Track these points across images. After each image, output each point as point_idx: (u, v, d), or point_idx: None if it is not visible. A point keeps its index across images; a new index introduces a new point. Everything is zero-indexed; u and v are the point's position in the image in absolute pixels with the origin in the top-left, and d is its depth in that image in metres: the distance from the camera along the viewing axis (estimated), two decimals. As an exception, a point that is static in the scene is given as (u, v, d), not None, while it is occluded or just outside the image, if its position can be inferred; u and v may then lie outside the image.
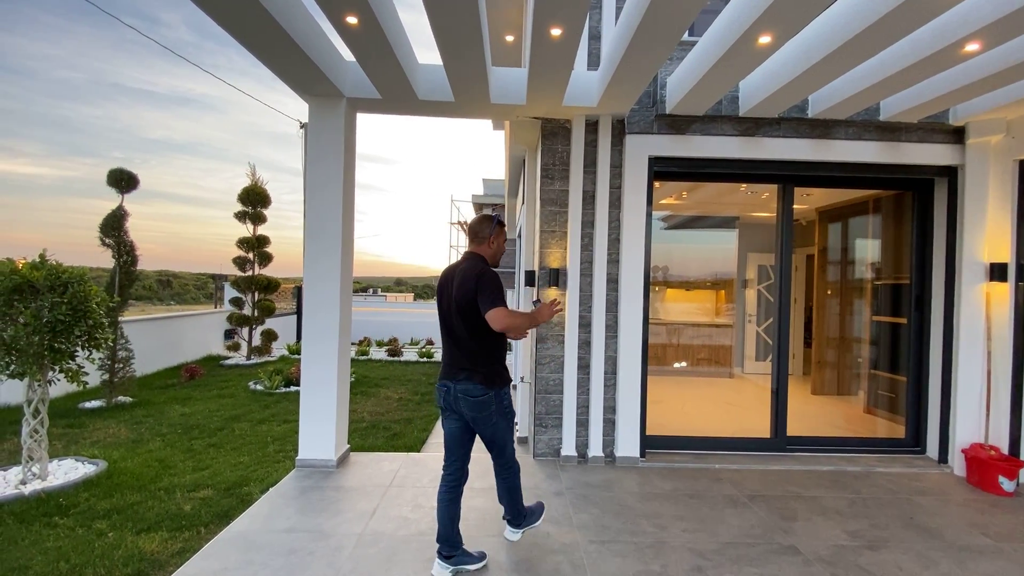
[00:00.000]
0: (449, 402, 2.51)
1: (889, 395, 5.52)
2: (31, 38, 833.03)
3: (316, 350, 3.75)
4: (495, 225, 2.61)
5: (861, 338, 6.43)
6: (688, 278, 8.22)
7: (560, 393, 4.03)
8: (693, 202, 6.99)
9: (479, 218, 2.65)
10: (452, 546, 2.50)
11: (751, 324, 8.50)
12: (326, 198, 3.74)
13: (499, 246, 2.65)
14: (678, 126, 3.95)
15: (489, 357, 2.50)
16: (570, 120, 4.00)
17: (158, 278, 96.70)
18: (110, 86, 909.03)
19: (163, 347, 9.20)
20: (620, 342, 3.96)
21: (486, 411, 2.47)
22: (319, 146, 3.74)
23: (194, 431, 5.23)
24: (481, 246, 2.60)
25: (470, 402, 2.44)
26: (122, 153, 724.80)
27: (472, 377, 2.44)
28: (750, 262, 8.45)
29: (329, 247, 3.73)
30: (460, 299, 2.43)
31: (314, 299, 3.74)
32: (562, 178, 4.03)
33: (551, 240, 4.03)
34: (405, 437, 5.04)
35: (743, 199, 6.99)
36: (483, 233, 2.59)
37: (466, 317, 2.42)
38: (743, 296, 8.46)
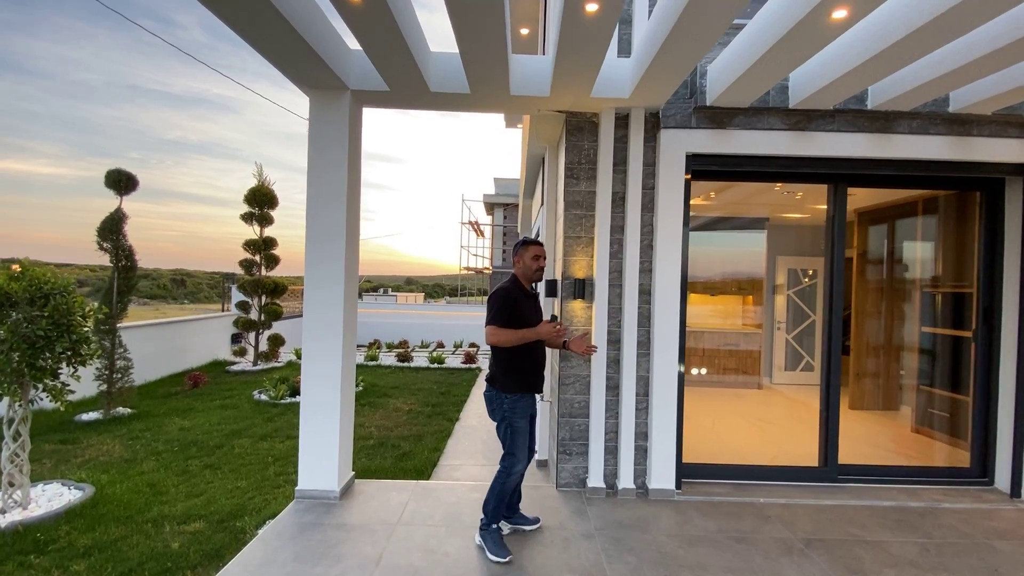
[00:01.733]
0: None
1: (942, 414, 5.05)
2: (51, 41, 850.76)
3: (317, 370, 3.40)
4: (518, 246, 2.97)
5: (907, 350, 5.95)
6: (713, 282, 7.78)
7: (586, 417, 3.64)
8: (721, 203, 6.54)
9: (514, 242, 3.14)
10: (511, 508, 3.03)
11: (780, 331, 8.05)
12: (329, 200, 3.38)
13: (526, 263, 2.91)
14: (719, 120, 3.53)
15: (501, 362, 2.84)
16: (597, 114, 3.60)
17: (173, 277, 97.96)
18: (127, 87, 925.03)
19: (168, 353, 8.96)
20: (653, 360, 3.56)
21: (489, 405, 2.91)
22: (321, 143, 3.38)
23: (192, 448, 4.92)
24: (515, 266, 2.97)
25: (485, 395, 2.94)
26: (139, 153, 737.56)
27: (490, 374, 2.91)
28: (779, 266, 7.98)
29: (331, 255, 3.38)
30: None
31: (315, 314, 3.39)
32: (588, 178, 3.63)
33: (576, 247, 3.64)
34: (415, 457, 4.68)
35: (775, 199, 6.54)
36: (513, 257, 3.01)
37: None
38: (772, 302, 8.01)
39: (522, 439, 2.84)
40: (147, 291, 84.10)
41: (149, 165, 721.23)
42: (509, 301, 2.78)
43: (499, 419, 2.85)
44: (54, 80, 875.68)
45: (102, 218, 6.00)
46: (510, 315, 2.76)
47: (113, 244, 5.98)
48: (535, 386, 2.90)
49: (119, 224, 6.03)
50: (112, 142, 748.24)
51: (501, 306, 2.76)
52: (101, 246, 5.94)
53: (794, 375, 7.87)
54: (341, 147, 3.38)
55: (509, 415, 2.81)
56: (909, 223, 5.63)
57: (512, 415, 2.81)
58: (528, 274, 2.90)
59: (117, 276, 6.00)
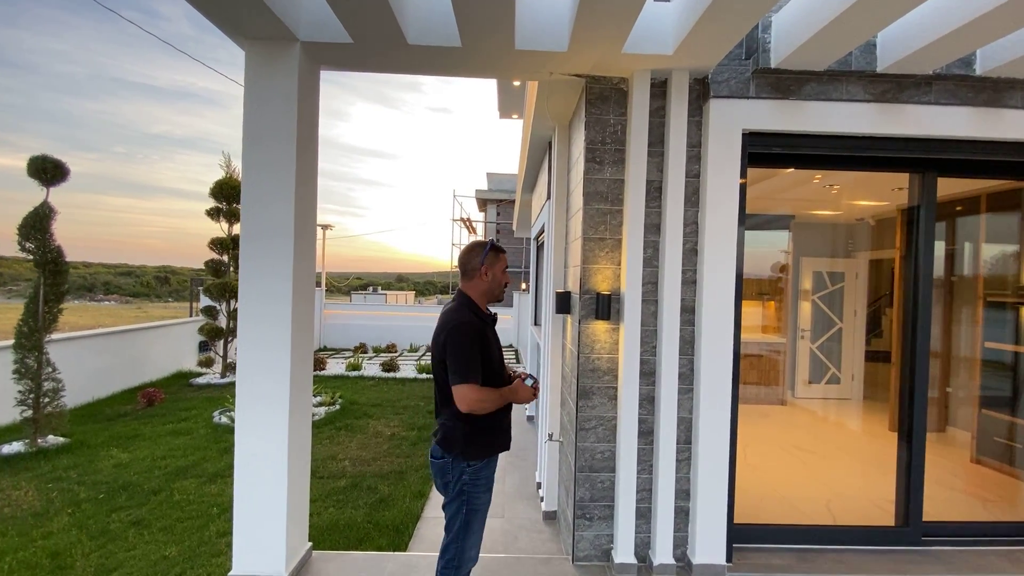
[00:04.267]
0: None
1: (1011, 444, 4.33)
2: (32, 32, 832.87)
3: (254, 416, 2.55)
4: (487, 253, 2.18)
5: (965, 366, 5.22)
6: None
7: (612, 471, 2.83)
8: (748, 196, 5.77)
9: (468, 247, 2.25)
10: None
11: (804, 340, 7.32)
12: (272, 189, 2.53)
13: (495, 277, 2.21)
14: (785, 87, 2.73)
15: (455, 418, 2.08)
16: (626, 79, 2.78)
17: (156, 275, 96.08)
18: (111, 80, 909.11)
19: (123, 365, 8.01)
20: (699, 398, 2.75)
21: (440, 478, 2.15)
22: (260, 114, 2.52)
23: (122, 495, 4.03)
24: (472, 281, 2.19)
25: (431, 461, 2.18)
26: (123, 147, 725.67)
27: (437, 433, 2.15)
28: (804, 268, 7.24)
29: (273, 263, 2.52)
30: (434, 357, 2.13)
31: (252, 349, 2.53)
32: (614, 162, 2.81)
33: (598, 252, 2.81)
34: (393, 506, 3.84)
35: (806, 194, 5.78)
36: (472, 264, 2.18)
37: (438, 375, 2.12)
38: (796, 308, 7.28)
39: (480, 522, 2.16)
40: (130, 289, 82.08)
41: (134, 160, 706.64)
42: (477, 340, 2.05)
43: (453, 495, 2.12)
44: (36, 72, 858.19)
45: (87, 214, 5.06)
46: (482, 360, 2.04)
47: (38, 244, 5.04)
48: (506, 443, 2.23)
49: (45, 221, 5.09)
50: (96, 136, 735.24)
51: (471, 352, 2.01)
52: (23, 247, 5.00)
53: (819, 388, 7.15)
54: (288, 118, 2.52)
55: (469, 489, 2.12)
56: (971, 221, 4.89)
57: (473, 489, 2.12)
58: (494, 292, 2.23)
59: (43, 282, 5.06)
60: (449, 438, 2.09)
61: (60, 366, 5.36)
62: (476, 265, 2.17)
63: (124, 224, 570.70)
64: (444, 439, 2.10)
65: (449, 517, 2.14)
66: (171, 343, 9.28)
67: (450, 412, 2.07)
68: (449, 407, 2.07)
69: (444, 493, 2.15)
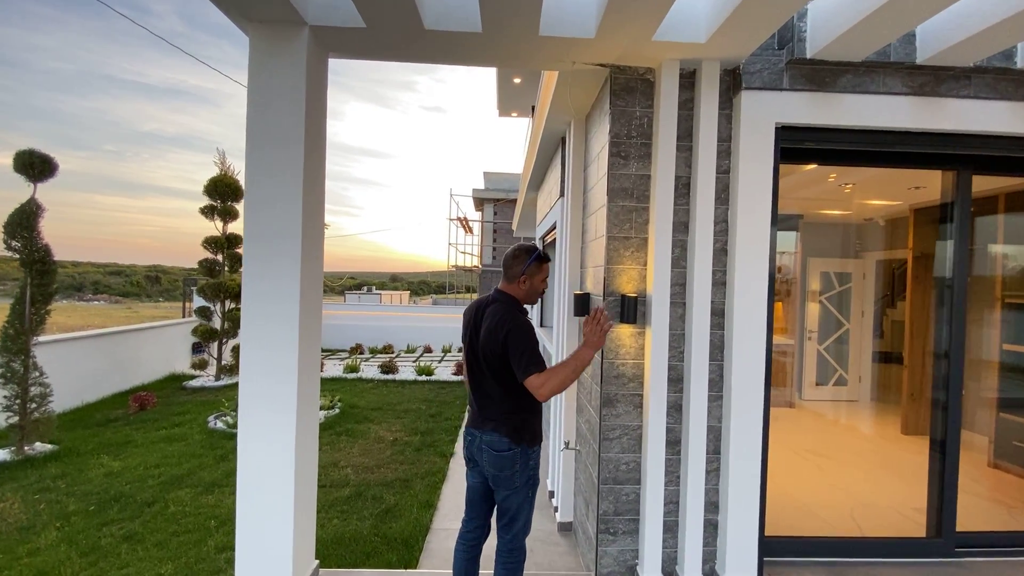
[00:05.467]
0: (473, 452, 2.34)
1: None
2: (21, 28, 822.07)
3: (259, 426, 2.38)
4: (531, 263, 2.27)
5: (984, 369, 5.13)
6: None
7: (636, 484, 2.69)
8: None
9: (514, 251, 2.33)
10: None
11: (811, 342, 7.23)
12: (278, 187, 2.36)
13: (532, 286, 2.31)
14: (820, 79, 2.60)
15: (521, 409, 2.24)
16: (653, 69, 2.63)
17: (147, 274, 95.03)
18: (102, 77, 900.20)
19: (114, 368, 7.76)
20: (730, 405, 2.62)
21: (508, 470, 2.23)
22: (267, 103, 2.35)
23: (114, 507, 3.84)
24: (511, 284, 2.30)
25: (493, 456, 2.24)
26: (114, 146, 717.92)
27: (499, 428, 2.23)
28: (811, 269, 7.15)
29: (281, 264, 2.35)
30: (488, 353, 2.19)
31: (258, 350, 2.36)
32: (640, 157, 2.66)
33: (623, 252, 2.67)
34: (401, 516, 3.68)
35: (817, 193, 5.67)
36: (514, 270, 2.28)
37: (496, 372, 2.19)
38: (803, 309, 7.19)
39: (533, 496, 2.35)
40: (120, 288, 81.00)
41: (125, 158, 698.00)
42: (534, 334, 2.19)
43: (521, 483, 2.25)
44: (24, 69, 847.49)
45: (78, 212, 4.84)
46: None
47: (24, 243, 4.82)
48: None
49: (32, 218, 4.87)
50: (86, 134, 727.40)
51: (534, 344, 2.15)
52: (8, 245, 4.77)
53: (827, 391, 7.07)
54: (295, 108, 2.35)
55: (534, 473, 2.30)
56: (988, 222, 4.79)
57: (536, 472, 2.32)
58: (533, 297, 2.34)
59: (30, 282, 4.84)
60: (519, 428, 2.20)
61: (48, 369, 5.15)
62: (517, 272, 2.27)
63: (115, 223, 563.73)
64: (514, 430, 2.19)
65: (516, 508, 2.25)
66: (163, 345, 9.03)
67: (512, 404, 2.20)
68: (510, 400, 2.19)
69: (505, 485, 2.22)
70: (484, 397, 2.28)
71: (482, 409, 2.30)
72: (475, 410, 2.35)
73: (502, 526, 2.30)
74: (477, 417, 2.33)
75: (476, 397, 2.33)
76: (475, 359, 2.28)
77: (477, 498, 2.41)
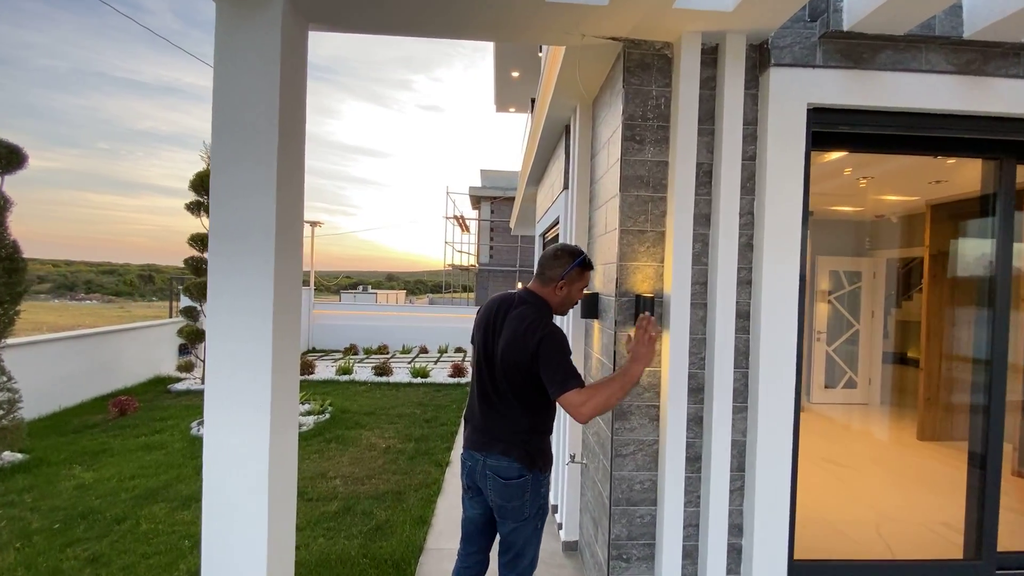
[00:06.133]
0: (476, 479, 2.04)
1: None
2: (13, 25, 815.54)
3: (230, 443, 2.10)
4: (574, 267, 2.02)
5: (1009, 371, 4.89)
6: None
7: (652, 505, 2.42)
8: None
9: (555, 251, 2.07)
10: None
11: (820, 343, 7.01)
12: (248, 179, 2.07)
13: (570, 294, 2.06)
14: (857, 55, 2.34)
15: (538, 430, 2.02)
16: (671, 44, 2.37)
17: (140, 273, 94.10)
18: (94, 75, 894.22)
19: (95, 370, 7.44)
20: (756, 417, 2.36)
21: (517, 500, 1.96)
22: (233, 82, 2.05)
23: (80, 524, 3.54)
24: (545, 288, 2.04)
25: (500, 485, 1.96)
26: (107, 144, 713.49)
27: (510, 451, 1.96)
28: (821, 267, 6.93)
29: (251, 263, 2.07)
30: (510, 362, 1.92)
31: (222, 372, 2.08)
32: (656, 142, 2.40)
33: (637, 247, 2.40)
34: (392, 534, 3.40)
35: (830, 187, 5.43)
36: (552, 273, 2.02)
37: (517, 386, 1.93)
38: (812, 309, 6.95)
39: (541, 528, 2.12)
40: (113, 288, 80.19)
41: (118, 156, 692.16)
42: (568, 344, 1.96)
43: (532, 512, 2.01)
44: (15, 66, 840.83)
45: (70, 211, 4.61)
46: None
47: (-11, 239, 4.51)
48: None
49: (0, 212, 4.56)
50: (78, 131, 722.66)
51: (568, 355, 1.91)
52: (-28, 242, 4.47)
53: (836, 393, 6.85)
54: (268, 87, 2.05)
55: (544, 502, 2.08)
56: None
57: (547, 500, 2.12)
58: (566, 307, 2.12)
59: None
60: (533, 453, 1.97)
61: (21, 373, 4.85)
62: (556, 276, 2.01)
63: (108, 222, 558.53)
64: (527, 455, 1.95)
65: (523, 543, 2.01)
66: (148, 346, 8.71)
67: (529, 423, 1.97)
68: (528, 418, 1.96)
69: (513, 517, 1.98)
70: (494, 413, 2.00)
71: (489, 427, 2.01)
72: (479, 428, 2.05)
73: (506, 563, 2.04)
74: (481, 437, 2.03)
75: (483, 412, 2.04)
76: (490, 368, 2.00)
77: (476, 531, 2.14)
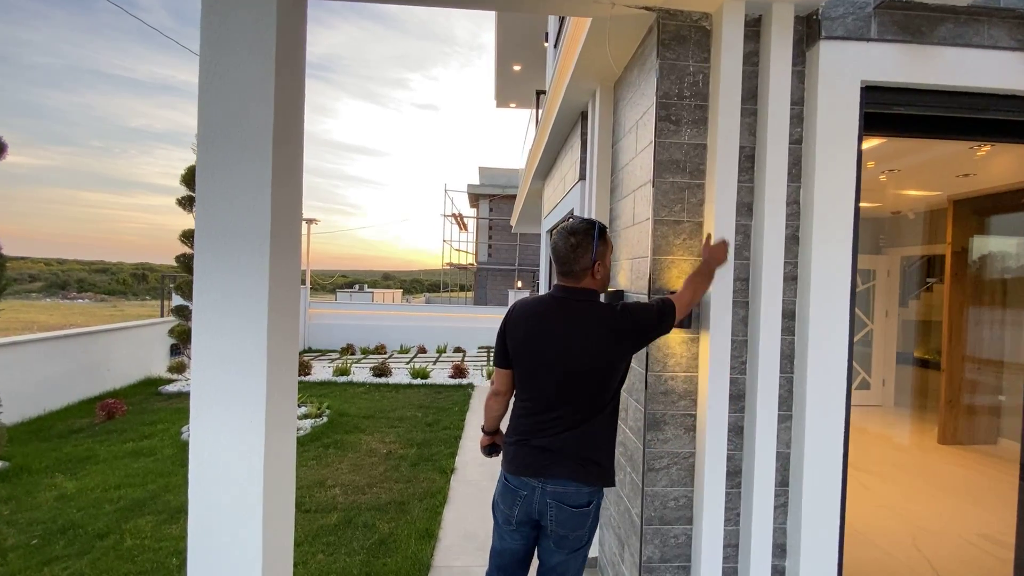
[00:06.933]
0: (532, 511, 1.73)
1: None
2: (4, 21, 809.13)
3: (213, 461, 1.85)
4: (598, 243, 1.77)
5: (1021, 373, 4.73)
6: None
7: (687, 523, 2.20)
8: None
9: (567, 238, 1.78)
10: None
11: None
12: (242, 175, 1.82)
13: (607, 271, 1.85)
14: (916, 27, 2.12)
15: (610, 438, 1.81)
16: (709, 15, 2.14)
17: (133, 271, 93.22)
18: (88, 72, 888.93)
19: (83, 371, 7.16)
20: (803, 427, 2.14)
21: (582, 528, 1.74)
22: (222, 66, 1.80)
23: (60, 540, 3.29)
24: (583, 280, 1.79)
25: (568, 514, 1.70)
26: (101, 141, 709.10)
27: (581, 470, 1.70)
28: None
29: (243, 267, 1.83)
30: (584, 364, 1.70)
31: (209, 380, 1.83)
32: (693, 122, 2.17)
33: (672, 240, 2.18)
34: (396, 549, 3.17)
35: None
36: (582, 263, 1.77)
37: (596, 387, 1.72)
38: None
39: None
40: (106, 286, 79.30)
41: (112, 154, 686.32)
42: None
43: (587, 539, 1.79)
44: (8, 63, 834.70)
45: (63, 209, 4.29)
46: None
47: (-35, 234, 4.23)
48: None
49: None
50: (72, 129, 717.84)
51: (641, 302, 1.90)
52: (-54, 236, 4.18)
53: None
54: (261, 67, 1.81)
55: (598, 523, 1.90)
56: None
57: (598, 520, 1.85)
58: (607, 282, 1.91)
59: (-27, 279, 4.26)
60: (609, 466, 1.78)
61: (3, 374, 4.55)
62: (587, 264, 1.78)
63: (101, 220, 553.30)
64: (604, 471, 1.75)
65: (576, 570, 1.81)
66: (139, 346, 8.42)
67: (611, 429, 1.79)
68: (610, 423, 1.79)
69: (571, 546, 1.75)
70: (566, 431, 1.72)
71: (557, 446, 1.72)
72: (538, 449, 1.74)
73: None
74: (539, 459, 1.72)
75: (546, 432, 1.74)
76: (560, 380, 1.73)
77: (515, 563, 1.86)
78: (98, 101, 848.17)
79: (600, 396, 1.75)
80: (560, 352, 1.72)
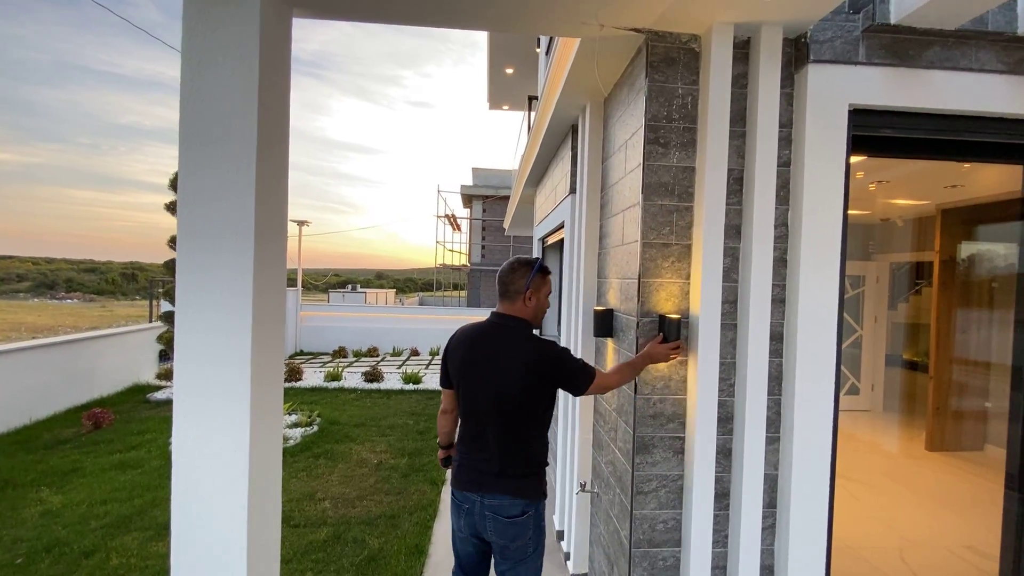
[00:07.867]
0: (475, 523, 1.90)
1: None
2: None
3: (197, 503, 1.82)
4: (535, 275, 1.97)
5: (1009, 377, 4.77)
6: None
7: (676, 546, 2.20)
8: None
9: (510, 265, 2.02)
10: None
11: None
12: (225, 174, 1.80)
13: (539, 304, 2.01)
14: (903, 52, 2.13)
15: (544, 453, 1.98)
16: (698, 37, 2.13)
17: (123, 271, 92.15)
18: (76, 68, 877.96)
19: (69, 380, 7.06)
20: (791, 449, 2.15)
21: (521, 538, 1.87)
22: (205, 76, 1.78)
23: (46, 559, 3.24)
24: (515, 304, 1.97)
25: (503, 525, 1.86)
26: (88, 139, 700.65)
27: (514, 485, 1.86)
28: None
29: (226, 271, 1.79)
30: (509, 389, 1.85)
31: (190, 395, 1.80)
32: (683, 145, 2.16)
33: (661, 262, 2.17)
34: (386, 568, 3.15)
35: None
36: (515, 286, 1.96)
37: (530, 413, 1.89)
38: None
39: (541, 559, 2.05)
40: (95, 286, 78.37)
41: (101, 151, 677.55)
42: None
43: (533, 548, 1.94)
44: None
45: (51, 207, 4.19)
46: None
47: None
48: None
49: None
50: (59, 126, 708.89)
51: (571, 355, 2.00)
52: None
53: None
54: (245, 75, 1.79)
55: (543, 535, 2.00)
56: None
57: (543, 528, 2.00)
58: (540, 317, 2.06)
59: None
60: (538, 483, 1.93)
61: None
62: (520, 288, 1.97)
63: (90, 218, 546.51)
64: (531, 487, 1.89)
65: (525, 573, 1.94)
66: (126, 353, 8.32)
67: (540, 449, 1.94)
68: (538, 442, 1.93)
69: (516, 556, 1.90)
70: (497, 449, 1.90)
71: (489, 465, 1.91)
72: (471, 465, 1.95)
73: None
74: (477, 476, 1.93)
75: (481, 450, 1.94)
76: (489, 402, 1.90)
77: (471, 566, 2.04)
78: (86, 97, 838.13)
79: (530, 416, 1.91)
80: (491, 375, 1.88)
